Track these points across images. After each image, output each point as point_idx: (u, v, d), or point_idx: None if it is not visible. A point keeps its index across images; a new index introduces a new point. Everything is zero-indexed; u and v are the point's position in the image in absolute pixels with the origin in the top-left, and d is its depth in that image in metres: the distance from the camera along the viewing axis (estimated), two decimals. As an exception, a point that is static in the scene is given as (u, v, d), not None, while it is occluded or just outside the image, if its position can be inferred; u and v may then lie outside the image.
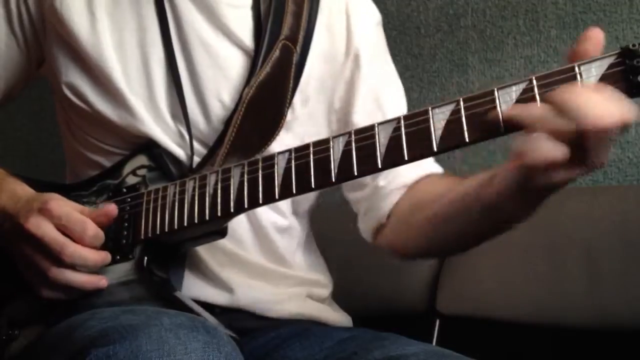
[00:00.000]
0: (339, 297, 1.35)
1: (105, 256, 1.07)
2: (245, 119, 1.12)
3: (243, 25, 1.18)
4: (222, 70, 1.17)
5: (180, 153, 1.15)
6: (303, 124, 1.21)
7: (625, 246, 1.54)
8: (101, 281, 1.07)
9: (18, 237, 1.05)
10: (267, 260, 1.22)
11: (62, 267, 1.04)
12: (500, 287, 1.65)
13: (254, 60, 1.16)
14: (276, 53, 1.16)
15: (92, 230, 1.05)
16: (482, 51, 1.91)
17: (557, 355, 1.64)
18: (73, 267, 1.04)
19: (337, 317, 1.28)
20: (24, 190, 1.12)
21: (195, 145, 1.15)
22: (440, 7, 1.97)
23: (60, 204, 1.05)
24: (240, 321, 1.16)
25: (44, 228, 1.03)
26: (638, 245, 1.52)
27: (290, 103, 1.16)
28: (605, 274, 1.54)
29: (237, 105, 1.14)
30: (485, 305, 1.66)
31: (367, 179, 1.19)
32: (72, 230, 1.04)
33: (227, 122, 1.15)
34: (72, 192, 1.18)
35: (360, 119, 1.22)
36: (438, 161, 1.91)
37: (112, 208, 1.08)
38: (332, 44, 1.23)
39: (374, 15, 1.31)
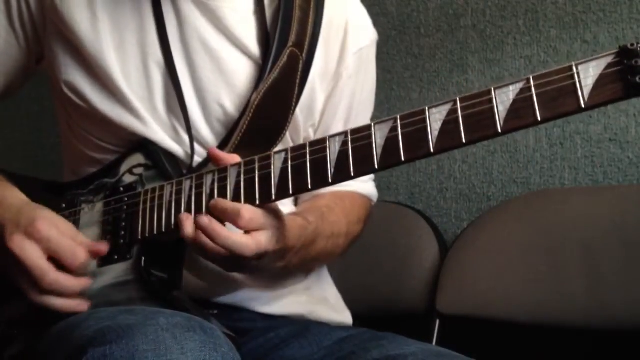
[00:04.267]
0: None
1: (85, 283, 1.06)
2: (252, 124, 1.13)
3: (248, 30, 1.19)
4: (225, 74, 1.17)
5: (178, 152, 1.15)
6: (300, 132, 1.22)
7: (625, 246, 1.54)
8: (80, 306, 1.05)
9: (2, 251, 1.04)
10: None
11: (41, 292, 1.03)
12: (500, 287, 1.65)
13: (262, 66, 1.16)
14: (284, 59, 1.16)
15: (82, 258, 1.04)
16: (482, 51, 1.90)
17: (557, 355, 1.64)
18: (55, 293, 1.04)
19: (336, 315, 1.28)
20: (14, 197, 1.11)
21: (196, 146, 1.15)
22: (440, 7, 1.97)
23: (49, 226, 1.04)
24: (240, 320, 1.16)
25: (27, 251, 1.02)
26: (638, 245, 1.52)
27: (294, 110, 1.17)
28: (605, 274, 1.54)
29: (244, 109, 1.15)
30: (485, 305, 1.66)
31: None
32: (61, 255, 1.03)
33: (231, 125, 1.15)
34: (69, 190, 1.18)
35: (337, 129, 1.25)
36: (438, 160, 1.94)
37: (104, 248, 1.08)
38: (327, 58, 1.23)
39: (370, 35, 1.31)
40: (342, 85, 1.25)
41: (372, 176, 1.33)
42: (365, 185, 1.31)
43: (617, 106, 1.73)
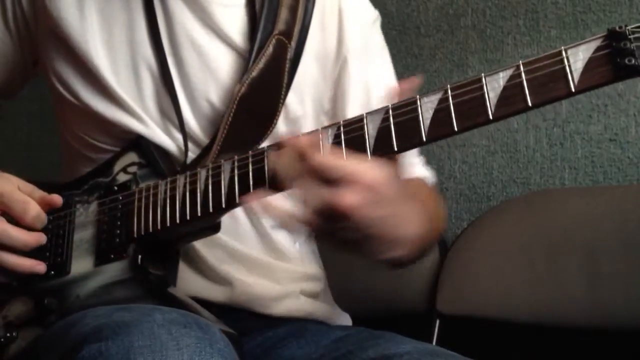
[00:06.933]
0: (339, 296, 1.35)
1: (38, 237, 1.07)
2: (237, 117, 1.12)
3: (234, 24, 1.18)
4: (211, 70, 1.17)
5: (172, 149, 1.15)
6: (299, 124, 1.20)
7: (625, 246, 1.53)
8: (37, 266, 1.06)
9: None
10: (267, 255, 1.22)
11: None
12: (500, 287, 1.65)
13: (247, 57, 1.16)
14: (269, 49, 1.15)
15: (34, 211, 1.05)
16: (482, 51, 1.90)
17: (557, 355, 1.63)
18: (6, 247, 1.04)
19: (334, 314, 1.29)
20: None
21: (189, 143, 1.15)
22: (440, 7, 1.97)
23: (3, 183, 1.05)
24: (238, 320, 1.16)
25: None
26: (638, 245, 1.52)
27: (284, 99, 1.16)
28: (605, 274, 1.53)
29: (228, 103, 1.14)
30: (485, 305, 1.66)
31: None
32: (12, 209, 1.04)
33: (218, 121, 1.15)
34: (64, 191, 1.18)
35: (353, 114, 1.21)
36: (438, 160, 1.93)
37: (57, 199, 1.08)
38: (325, 43, 1.22)
39: (368, 14, 1.29)
40: (350, 67, 1.23)
41: (418, 154, 1.26)
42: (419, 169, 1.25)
43: (617, 106, 1.73)
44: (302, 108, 1.21)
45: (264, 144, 1.13)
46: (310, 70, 1.20)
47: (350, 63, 1.23)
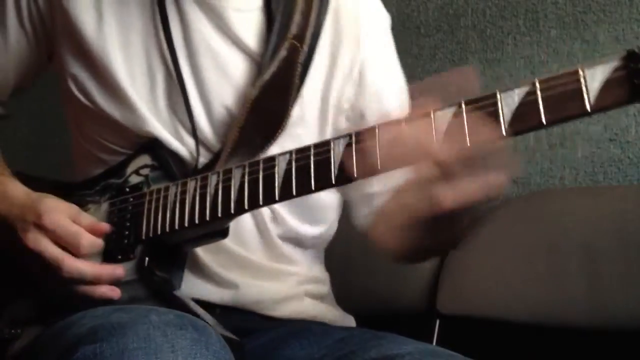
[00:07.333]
0: (340, 297, 1.35)
1: (110, 269, 1.07)
2: (249, 120, 1.12)
3: (248, 28, 1.18)
4: (227, 76, 1.17)
5: (183, 153, 1.15)
6: (308, 125, 1.21)
7: (625, 246, 1.53)
8: (111, 292, 1.06)
9: (18, 248, 1.05)
10: (272, 261, 1.22)
11: (66, 281, 1.04)
12: (500, 287, 1.65)
13: (260, 61, 1.16)
14: (282, 52, 1.15)
15: (87, 240, 1.05)
16: (482, 51, 1.91)
17: (557, 355, 1.63)
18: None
19: (338, 316, 1.28)
20: (15, 189, 1.12)
21: (201, 148, 1.15)
22: (440, 7, 1.97)
23: (54, 217, 1.05)
24: (242, 321, 1.16)
25: (42, 244, 1.03)
26: (638, 245, 1.52)
27: (294, 102, 1.16)
28: (605, 274, 1.54)
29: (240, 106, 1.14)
30: (485, 305, 1.66)
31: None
32: (67, 244, 1.04)
33: (231, 125, 1.15)
34: (76, 191, 1.18)
35: (370, 119, 1.22)
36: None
37: (106, 227, 1.09)
38: (339, 46, 1.22)
39: (384, 20, 1.30)
40: (369, 70, 1.24)
41: None
42: None
43: (617, 106, 1.73)
44: (313, 108, 1.21)
45: (273, 147, 1.13)
46: (322, 73, 1.20)
47: (369, 67, 1.24)
